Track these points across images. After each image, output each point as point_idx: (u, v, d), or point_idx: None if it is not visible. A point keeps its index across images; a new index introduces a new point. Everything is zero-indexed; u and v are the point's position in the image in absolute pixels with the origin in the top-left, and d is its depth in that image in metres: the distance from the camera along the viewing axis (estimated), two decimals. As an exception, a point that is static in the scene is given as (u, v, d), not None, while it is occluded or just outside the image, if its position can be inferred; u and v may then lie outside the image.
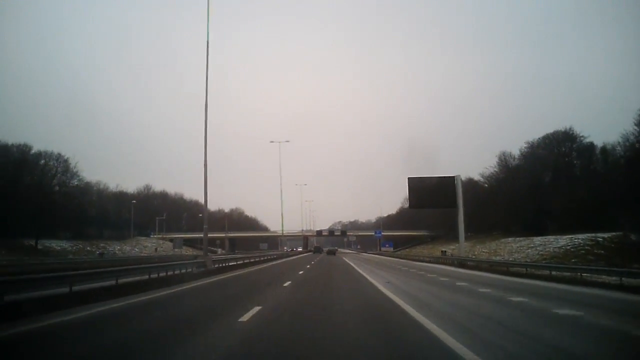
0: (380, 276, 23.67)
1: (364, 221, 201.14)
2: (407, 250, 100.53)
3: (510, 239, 59.51)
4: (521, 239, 57.14)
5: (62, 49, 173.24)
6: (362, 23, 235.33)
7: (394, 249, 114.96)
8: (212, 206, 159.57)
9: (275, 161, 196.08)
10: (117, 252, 68.56)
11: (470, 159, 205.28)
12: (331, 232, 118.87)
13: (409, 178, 38.77)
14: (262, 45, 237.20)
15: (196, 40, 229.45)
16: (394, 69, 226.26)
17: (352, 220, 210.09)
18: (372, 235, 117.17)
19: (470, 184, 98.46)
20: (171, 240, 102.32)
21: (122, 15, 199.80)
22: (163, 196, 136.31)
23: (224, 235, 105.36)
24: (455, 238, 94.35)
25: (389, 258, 62.54)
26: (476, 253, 57.27)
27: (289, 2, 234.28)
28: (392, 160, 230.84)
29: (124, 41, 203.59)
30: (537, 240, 51.30)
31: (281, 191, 65.10)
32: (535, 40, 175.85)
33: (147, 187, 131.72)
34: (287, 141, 66.99)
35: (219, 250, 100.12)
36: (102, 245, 69.19)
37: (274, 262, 44.56)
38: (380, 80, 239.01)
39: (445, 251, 43.65)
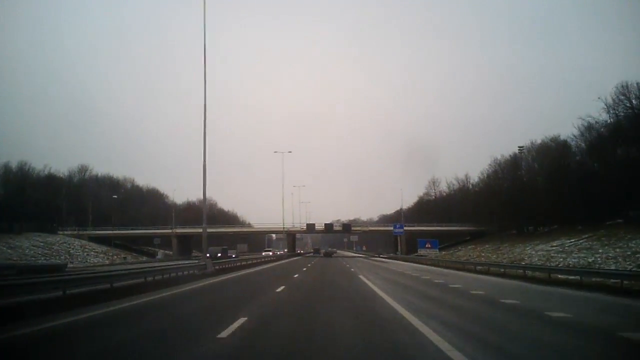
0: None
1: (365, 220, 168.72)
2: (446, 253, 66.63)
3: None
4: None
5: None
6: (363, 23, 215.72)
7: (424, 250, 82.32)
8: (180, 198, 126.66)
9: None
10: None
11: (475, 158, 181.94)
12: (329, 226, 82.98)
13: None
14: (261, 43, 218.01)
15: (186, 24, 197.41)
16: (396, 67, 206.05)
17: (352, 218, 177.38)
18: (387, 231, 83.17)
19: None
20: (91, 237, 68.65)
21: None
22: (107, 182, 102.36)
23: (169, 231, 71.28)
24: (528, 237, 61.57)
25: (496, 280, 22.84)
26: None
27: (289, 1, 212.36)
28: (393, 159, 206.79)
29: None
30: None
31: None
32: (540, 34, 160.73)
33: (83, 169, 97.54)
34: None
35: (159, 253, 66.40)
36: None
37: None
38: (381, 79, 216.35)
39: None
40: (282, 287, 17.00)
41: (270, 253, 71.16)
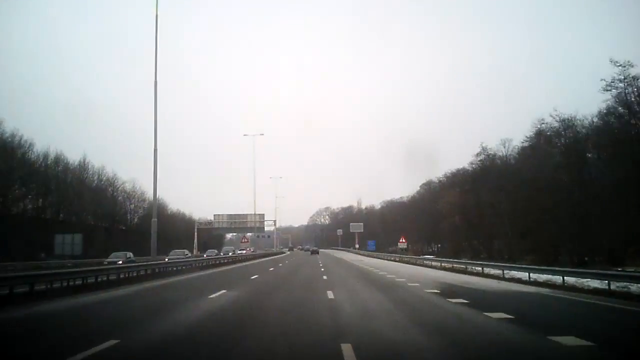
0: None
1: (367, 206, 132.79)
2: None
3: None
4: None
5: None
6: (363, 16, 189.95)
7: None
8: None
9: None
10: None
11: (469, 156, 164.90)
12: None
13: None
14: (257, 38, 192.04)
15: None
16: (395, 62, 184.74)
17: (345, 206, 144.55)
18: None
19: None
20: None
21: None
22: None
23: None
24: None
25: None
26: None
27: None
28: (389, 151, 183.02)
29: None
30: None
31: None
32: (540, 29, 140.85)
33: None
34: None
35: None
36: None
37: None
38: (380, 74, 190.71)
39: None
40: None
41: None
